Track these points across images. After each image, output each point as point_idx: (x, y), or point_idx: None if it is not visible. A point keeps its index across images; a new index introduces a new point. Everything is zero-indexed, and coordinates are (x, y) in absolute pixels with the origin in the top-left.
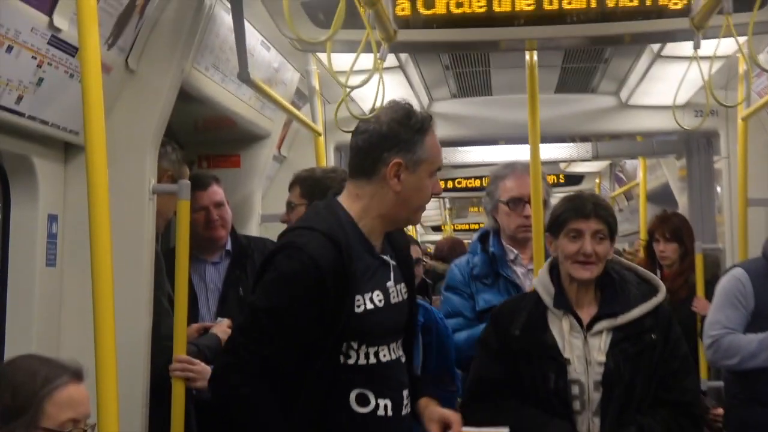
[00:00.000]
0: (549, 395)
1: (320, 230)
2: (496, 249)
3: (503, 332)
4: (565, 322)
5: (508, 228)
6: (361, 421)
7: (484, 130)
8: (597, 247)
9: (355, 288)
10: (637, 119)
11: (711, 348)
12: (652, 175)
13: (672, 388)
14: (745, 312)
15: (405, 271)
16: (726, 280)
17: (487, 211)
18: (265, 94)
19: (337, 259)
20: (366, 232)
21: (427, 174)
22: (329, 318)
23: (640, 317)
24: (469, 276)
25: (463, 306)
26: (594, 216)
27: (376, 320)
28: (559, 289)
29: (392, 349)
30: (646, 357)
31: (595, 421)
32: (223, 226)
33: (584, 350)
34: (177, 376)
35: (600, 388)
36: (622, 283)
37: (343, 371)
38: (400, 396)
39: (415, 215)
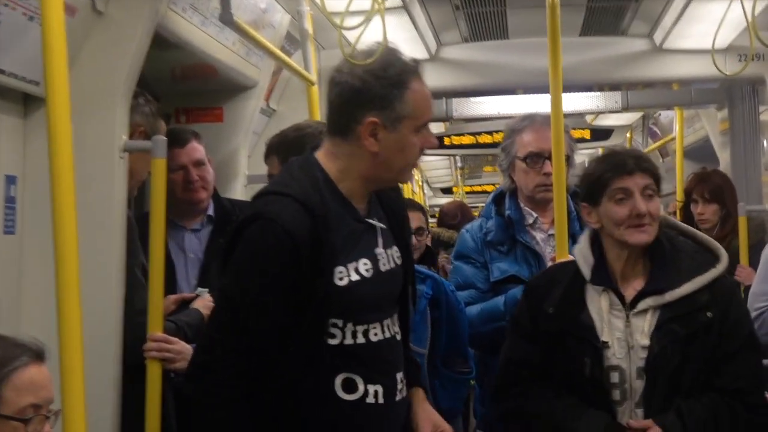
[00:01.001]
0: (584, 383)
1: (293, 196)
2: (513, 212)
3: (536, 309)
4: (605, 299)
5: (525, 188)
6: (348, 410)
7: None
8: (649, 205)
9: (336, 259)
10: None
11: (756, 322)
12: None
13: (724, 372)
14: None
15: (398, 234)
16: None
17: (503, 170)
18: (250, 39)
19: (313, 229)
20: (347, 194)
21: (412, 130)
22: (307, 294)
23: (693, 293)
24: (482, 243)
25: (475, 276)
26: (639, 170)
27: (364, 293)
28: (600, 262)
29: (386, 326)
30: (699, 340)
31: (638, 412)
32: (203, 188)
33: (626, 332)
34: (152, 356)
35: (643, 375)
36: (673, 252)
37: (326, 353)
38: (392, 380)
39: (401, 175)
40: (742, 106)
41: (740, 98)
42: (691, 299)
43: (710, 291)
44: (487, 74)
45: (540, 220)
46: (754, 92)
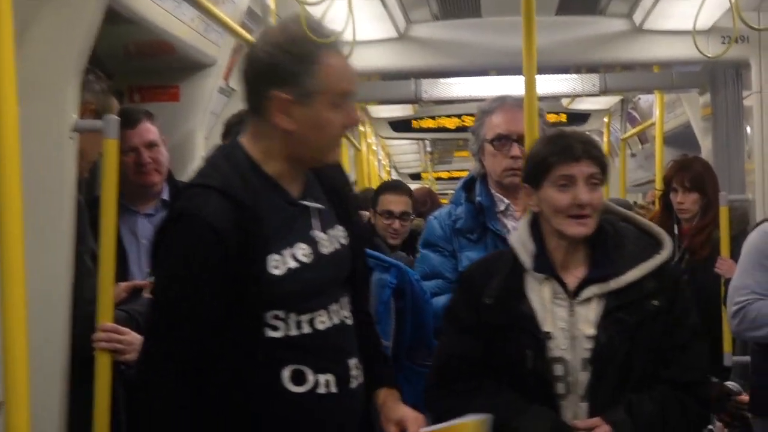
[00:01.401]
0: (527, 377)
1: (215, 187)
2: (484, 198)
3: (474, 301)
4: (547, 288)
5: (494, 172)
6: (298, 403)
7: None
8: (593, 195)
9: (268, 247)
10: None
11: (737, 316)
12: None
13: (674, 364)
14: None
15: (342, 213)
16: (755, 237)
17: (473, 154)
18: (209, 14)
19: (238, 219)
20: (275, 176)
21: (328, 106)
22: (240, 287)
23: (639, 280)
24: (451, 230)
25: (443, 266)
26: (586, 157)
27: (305, 280)
28: (541, 249)
29: (333, 312)
30: (646, 329)
31: (582, 406)
32: (156, 171)
33: (569, 322)
34: (102, 347)
35: (589, 367)
36: (617, 239)
37: (271, 346)
38: (344, 368)
39: (324, 154)
40: (725, 91)
41: (723, 82)
42: (637, 286)
43: (656, 278)
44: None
45: (512, 207)
46: (738, 76)
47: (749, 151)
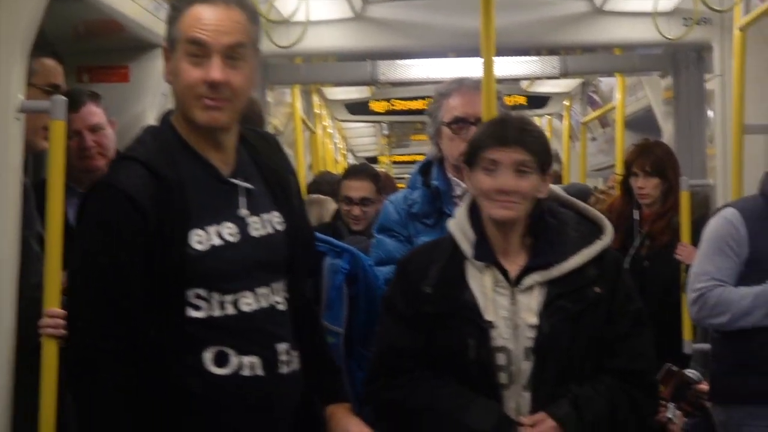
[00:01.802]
0: (469, 367)
1: (137, 158)
2: (440, 183)
3: (412, 289)
4: (488, 276)
5: (451, 156)
6: (221, 385)
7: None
8: (520, 183)
9: (192, 222)
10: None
11: (697, 303)
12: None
13: (618, 352)
14: (737, 261)
15: (281, 198)
16: (716, 223)
17: (431, 137)
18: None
19: (158, 191)
20: (201, 152)
21: (183, 54)
22: (161, 260)
23: (581, 267)
24: (406, 215)
25: (398, 250)
26: (516, 144)
27: (228, 258)
28: (482, 236)
29: (261, 295)
30: (588, 317)
31: (525, 396)
32: (101, 154)
33: (511, 311)
34: (48, 333)
35: (531, 356)
36: (558, 226)
37: (192, 327)
38: (272, 351)
39: (187, 110)
40: (687, 74)
41: (685, 65)
42: (579, 274)
43: (597, 265)
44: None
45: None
46: (700, 59)
47: (711, 135)
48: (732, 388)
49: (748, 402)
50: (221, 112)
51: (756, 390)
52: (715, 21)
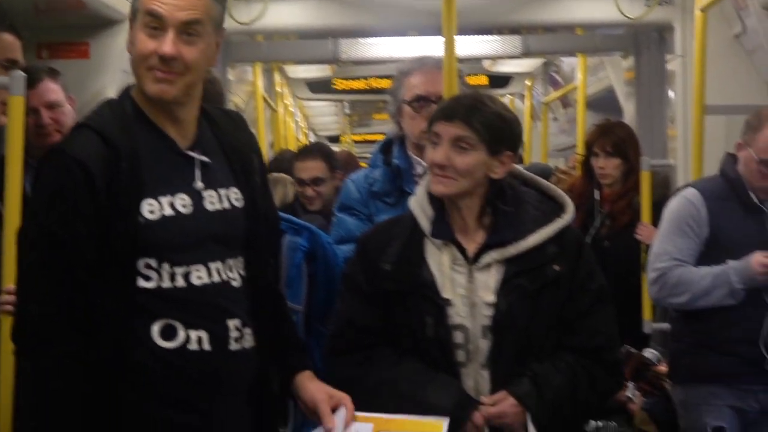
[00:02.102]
0: (427, 344)
1: (92, 126)
2: (401, 161)
3: (372, 267)
4: (446, 254)
5: (412, 134)
6: (167, 358)
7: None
8: (455, 158)
9: (144, 191)
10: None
11: (657, 283)
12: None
13: (579, 330)
14: (697, 240)
15: (240, 175)
16: (676, 203)
17: (392, 116)
18: None
19: (109, 158)
20: (159, 124)
21: (141, 25)
22: (111, 228)
23: (540, 245)
24: (367, 193)
25: (359, 229)
26: (460, 119)
27: (179, 229)
28: (440, 214)
29: (214, 269)
30: (548, 295)
31: (484, 374)
32: (58, 132)
33: (469, 288)
34: (6, 310)
35: (489, 334)
36: (519, 205)
37: (141, 297)
38: (222, 327)
39: (140, 80)
40: (648, 54)
41: (646, 46)
42: (538, 252)
43: (557, 243)
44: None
45: None
46: (661, 39)
47: (672, 116)
48: (691, 368)
49: (707, 381)
50: (171, 85)
51: (715, 370)
52: (677, 1)
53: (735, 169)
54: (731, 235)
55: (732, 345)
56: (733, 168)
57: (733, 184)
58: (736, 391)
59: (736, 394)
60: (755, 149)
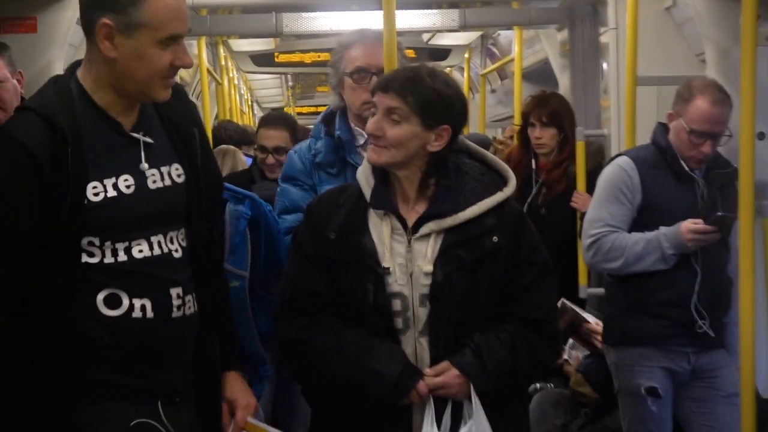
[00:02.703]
0: (369, 311)
1: (34, 109)
2: (343, 132)
3: (318, 234)
4: (386, 223)
5: (353, 105)
6: (112, 326)
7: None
8: (388, 129)
9: (88, 174)
10: None
11: (591, 249)
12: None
13: (521, 302)
14: (630, 207)
15: (182, 151)
16: (610, 171)
17: (333, 88)
18: None
19: (54, 142)
20: (105, 106)
21: (153, 42)
22: (55, 210)
23: (479, 217)
24: (310, 164)
25: (303, 199)
26: (393, 91)
27: (121, 210)
28: (383, 185)
29: (156, 243)
30: (487, 266)
31: (423, 342)
32: (1, 108)
33: (407, 258)
34: None
35: (427, 303)
36: (460, 176)
37: (86, 272)
38: (165, 296)
39: (149, 90)
40: (582, 27)
41: (580, 18)
42: (476, 223)
43: (497, 215)
44: None
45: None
46: (595, 12)
47: (605, 87)
48: (624, 331)
49: (639, 344)
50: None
51: (647, 332)
52: None
53: (666, 138)
54: (663, 202)
55: (664, 308)
56: (665, 137)
57: (664, 153)
58: (668, 353)
59: (667, 356)
60: (686, 119)
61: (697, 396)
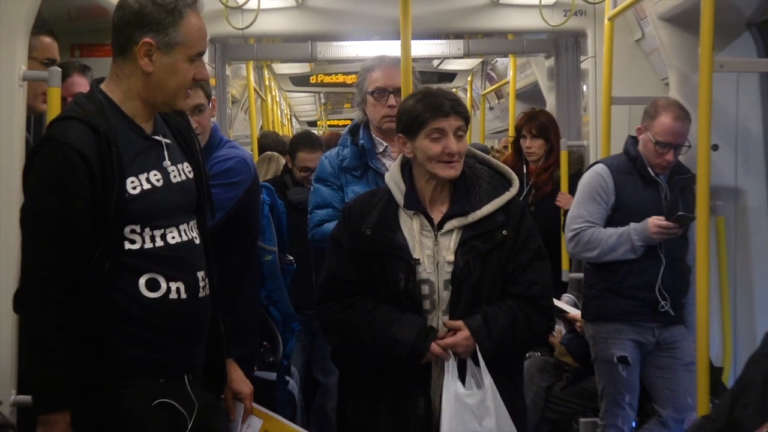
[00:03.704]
0: (400, 295)
1: (78, 117)
2: (366, 141)
3: (355, 230)
4: (416, 221)
5: (374, 119)
6: (153, 307)
7: (358, 25)
8: (460, 145)
9: (126, 171)
10: (507, 17)
11: (572, 241)
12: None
13: (519, 281)
14: (605, 206)
15: (188, 151)
16: (588, 176)
17: (357, 104)
18: None
19: (99, 145)
20: (131, 115)
21: (185, 58)
22: (103, 203)
23: (491, 214)
24: (338, 168)
25: (332, 197)
26: (453, 113)
27: (156, 199)
28: (411, 189)
29: (183, 230)
30: (496, 254)
31: (445, 318)
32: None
33: (434, 250)
34: None
35: (449, 287)
36: (474, 180)
37: (129, 257)
38: (194, 278)
39: (175, 100)
40: (566, 56)
41: (565, 48)
42: (489, 219)
43: (504, 212)
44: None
45: (389, 148)
46: (577, 44)
47: (585, 105)
48: (600, 309)
49: (612, 320)
50: None
51: (619, 310)
52: (589, 12)
53: (636, 148)
54: (633, 202)
55: (633, 291)
56: (635, 148)
57: (634, 161)
58: (636, 328)
59: (636, 330)
60: (652, 133)
61: (661, 364)
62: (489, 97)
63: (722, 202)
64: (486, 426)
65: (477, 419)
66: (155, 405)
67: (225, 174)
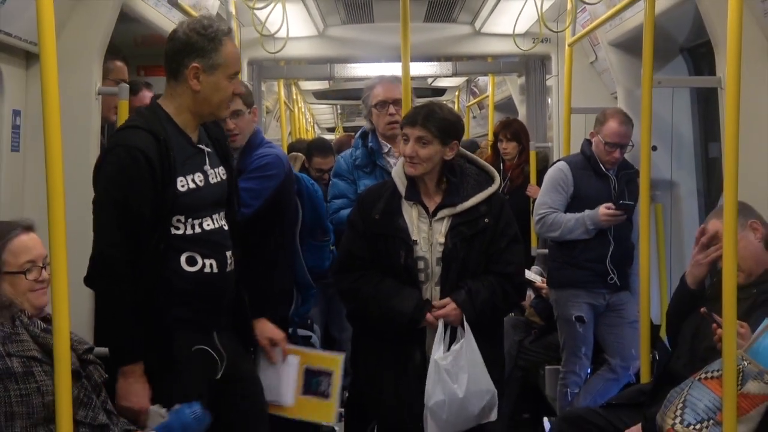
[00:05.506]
0: (400, 269)
1: (141, 126)
2: (374, 144)
3: (366, 215)
4: (415, 210)
5: (379, 127)
6: (192, 278)
7: (368, 50)
8: (420, 150)
9: (177, 172)
10: (487, 44)
11: (539, 223)
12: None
13: (498, 261)
14: (566, 196)
15: (222, 157)
16: (552, 171)
17: (364, 115)
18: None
19: (159, 149)
20: (182, 126)
21: (225, 77)
22: (160, 198)
23: (476, 205)
24: (352, 165)
25: (347, 190)
26: (419, 124)
27: (198, 196)
28: (411, 183)
29: (215, 219)
30: (479, 238)
31: (436, 289)
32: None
33: (429, 233)
34: None
35: (440, 263)
36: (462, 176)
37: (174, 240)
38: (223, 256)
39: (218, 111)
40: (534, 75)
41: (534, 69)
42: (475, 209)
43: (488, 203)
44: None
45: (392, 149)
46: (543, 65)
47: (549, 114)
48: (561, 278)
49: (571, 287)
50: None
51: (576, 279)
52: (553, 39)
53: (590, 149)
54: (588, 192)
55: (588, 263)
56: (589, 148)
57: (588, 159)
58: (590, 293)
59: (590, 295)
60: (602, 135)
61: (610, 322)
62: (473, 108)
63: (660, 192)
64: (461, 381)
65: (452, 377)
66: (194, 351)
67: (263, 168)
